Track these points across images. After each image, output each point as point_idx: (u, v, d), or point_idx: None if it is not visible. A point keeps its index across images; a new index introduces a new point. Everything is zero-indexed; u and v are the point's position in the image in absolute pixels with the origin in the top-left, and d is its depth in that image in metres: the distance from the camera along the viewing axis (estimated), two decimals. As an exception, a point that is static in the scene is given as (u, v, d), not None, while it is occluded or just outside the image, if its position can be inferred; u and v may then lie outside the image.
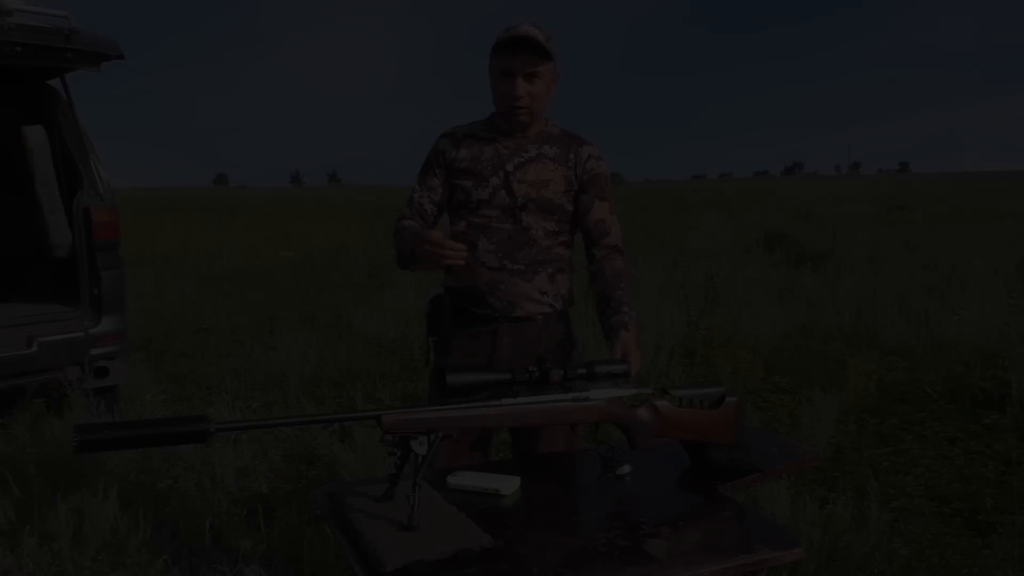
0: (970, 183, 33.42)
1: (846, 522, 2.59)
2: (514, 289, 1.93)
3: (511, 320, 1.94)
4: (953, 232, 12.05)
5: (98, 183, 3.90)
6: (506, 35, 1.85)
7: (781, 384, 4.50)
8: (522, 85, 1.86)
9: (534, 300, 1.95)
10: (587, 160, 1.98)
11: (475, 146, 1.98)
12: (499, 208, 1.94)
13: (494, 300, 1.93)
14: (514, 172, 1.94)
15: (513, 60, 1.85)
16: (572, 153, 1.98)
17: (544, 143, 1.98)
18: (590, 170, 1.98)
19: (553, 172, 1.96)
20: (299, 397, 4.51)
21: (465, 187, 1.95)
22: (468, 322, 1.97)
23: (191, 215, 19.36)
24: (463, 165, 1.97)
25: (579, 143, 2.01)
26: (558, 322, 2.01)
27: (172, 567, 2.57)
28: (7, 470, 3.23)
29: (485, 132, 2.00)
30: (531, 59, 1.85)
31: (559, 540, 1.29)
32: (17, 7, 3.40)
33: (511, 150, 1.96)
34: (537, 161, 1.96)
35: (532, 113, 1.92)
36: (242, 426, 1.33)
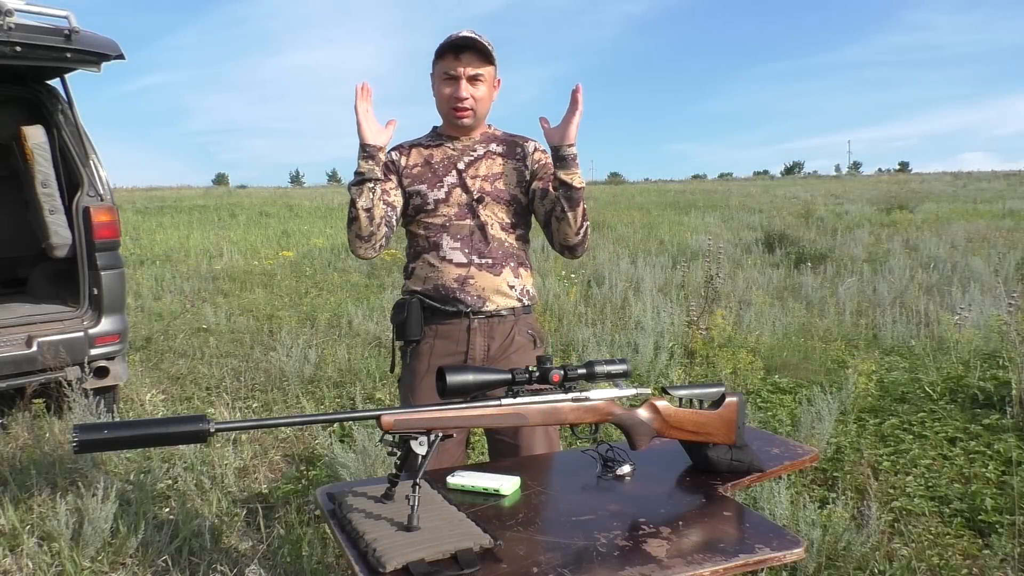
0: (970, 183, 33.41)
1: (846, 522, 2.59)
2: (483, 283, 1.96)
3: (482, 316, 1.97)
4: (953, 232, 12.05)
5: (98, 183, 3.90)
6: (448, 40, 1.92)
7: (781, 384, 4.51)
8: (466, 87, 1.94)
9: (503, 293, 1.99)
10: (534, 152, 2.06)
11: (423, 152, 2.04)
12: (456, 205, 1.98)
13: (464, 295, 1.96)
14: (466, 169, 2.00)
15: (457, 63, 1.93)
16: (519, 148, 2.06)
17: (490, 143, 2.05)
18: (538, 160, 2.05)
19: (503, 166, 2.02)
20: (299, 397, 4.51)
21: (420, 191, 2.00)
22: (439, 321, 1.99)
23: (191, 215, 19.35)
24: (415, 171, 2.02)
25: (523, 140, 2.09)
26: (526, 317, 2.05)
27: (172, 567, 2.57)
28: (7, 470, 3.23)
29: (430, 140, 2.07)
30: (475, 62, 1.93)
31: (559, 540, 1.29)
32: (17, 7, 3.40)
33: (459, 151, 2.03)
34: (486, 157, 2.02)
35: (476, 115, 1.99)
36: (242, 426, 1.34)
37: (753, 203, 21.69)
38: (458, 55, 1.92)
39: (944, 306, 6.28)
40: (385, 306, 6.81)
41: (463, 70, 1.93)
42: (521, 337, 2.01)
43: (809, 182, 46.81)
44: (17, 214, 4.73)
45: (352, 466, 3.09)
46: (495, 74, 2.00)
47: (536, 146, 2.08)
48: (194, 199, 26.77)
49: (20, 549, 2.64)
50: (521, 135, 2.11)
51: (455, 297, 1.96)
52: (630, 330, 5.61)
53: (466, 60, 1.93)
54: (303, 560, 2.58)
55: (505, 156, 2.04)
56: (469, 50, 1.92)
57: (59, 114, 3.97)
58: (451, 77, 1.94)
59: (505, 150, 2.05)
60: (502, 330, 1.99)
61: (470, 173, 2.00)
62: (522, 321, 2.03)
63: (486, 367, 1.71)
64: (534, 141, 2.09)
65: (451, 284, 1.96)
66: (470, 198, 1.98)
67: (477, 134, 2.06)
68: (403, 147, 2.07)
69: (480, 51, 1.92)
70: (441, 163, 2.02)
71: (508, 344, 1.99)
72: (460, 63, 1.93)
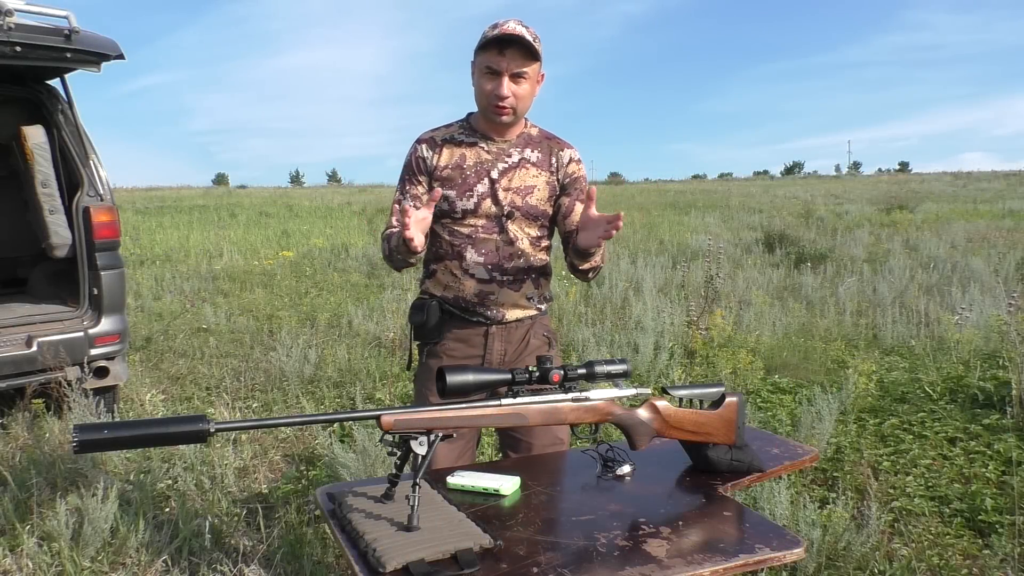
0: (970, 183, 33.41)
1: (846, 522, 2.59)
2: (504, 299, 1.94)
3: (501, 324, 1.96)
4: (953, 232, 12.05)
5: (98, 183, 3.90)
6: (494, 33, 1.81)
7: (781, 384, 4.51)
8: (508, 85, 1.83)
9: (523, 306, 1.97)
10: (568, 163, 1.99)
11: (456, 151, 1.95)
12: (485, 217, 1.92)
13: (484, 310, 1.94)
14: (499, 179, 1.92)
15: (500, 59, 1.82)
16: (554, 157, 1.98)
17: (526, 146, 1.96)
18: (571, 174, 1.99)
19: (536, 178, 1.95)
20: (299, 397, 4.51)
21: (448, 196, 1.92)
22: (458, 326, 1.97)
23: (191, 215, 19.35)
24: (445, 173, 1.93)
25: (560, 146, 2.00)
26: (541, 322, 2.04)
27: (172, 567, 2.57)
28: (7, 470, 3.23)
29: (464, 135, 1.97)
30: (519, 59, 1.82)
31: (559, 540, 1.29)
32: (17, 7, 3.40)
33: (494, 155, 1.94)
34: (521, 167, 1.94)
35: (516, 114, 1.89)
36: (242, 426, 1.33)
37: (753, 203, 21.70)
38: (503, 50, 1.80)
39: (944, 306, 6.28)
40: (385, 306, 6.82)
41: (507, 65, 1.81)
42: (536, 340, 2.01)
43: (809, 182, 46.82)
44: (17, 214, 4.73)
45: (352, 466, 3.09)
46: (539, 69, 1.89)
47: (572, 156, 1.99)
48: (194, 199, 26.78)
49: (20, 549, 2.64)
50: (558, 138, 2.02)
51: (475, 310, 1.94)
52: (630, 330, 5.61)
53: (510, 55, 1.81)
54: (303, 560, 2.58)
55: (539, 166, 1.95)
56: (515, 45, 1.80)
57: (59, 114, 3.97)
58: (493, 72, 1.83)
59: (540, 158, 1.96)
60: (519, 334, 1.98)
61: (503, 184, 1.92)
62: (538, 324, 2.02)
63: (486, 367, 1.72)
64: (571, 149, 2.01)
65: (472, 298, 1.93)
66: (499, 211, 1.92)
67: (514, 134, 1.96)
68: (434, 141, 1.96)
69: (526, 47, 1.80)
70: (473, 168, 1.92)
71: (524, 347, 1.98)
72: (504, 58, 1.81)
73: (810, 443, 3.40)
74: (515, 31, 1.80)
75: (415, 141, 1.99)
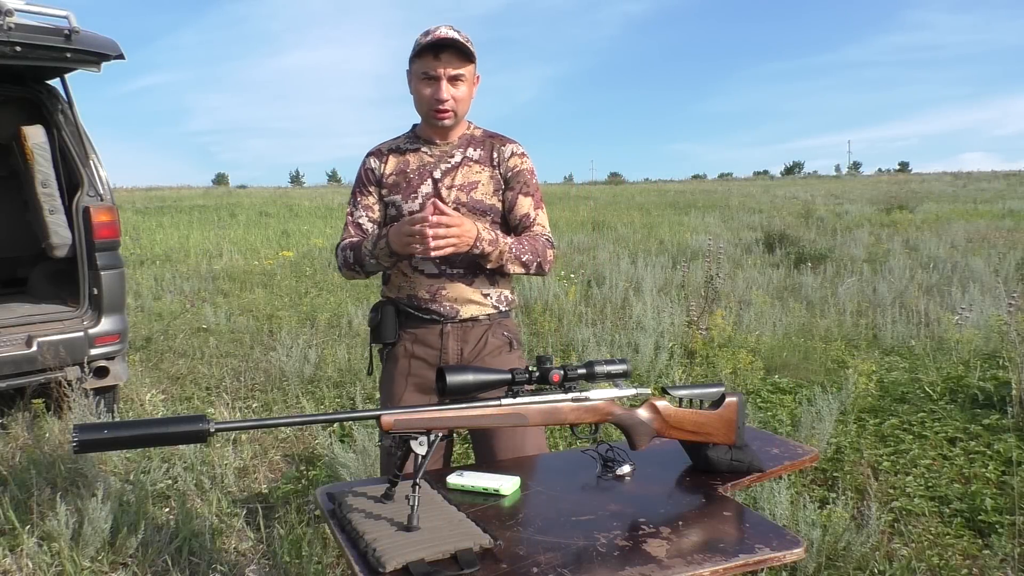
0: (970, 183, 33.41)
1: (846, 522, 2.59)
2: (456, 293, 1.94)
3: (456, 322, 1.96)
4: (953, 232, 12.05)
5: (98, 183, 3.90)
6: (428, 40, 1.83)
7: (781, 384, 4.51)
8: (447, 88, 1.86)
9: (477, 302, 1.96)
10: (509, 158, 1.99)
11: (400, 159, 1.99)
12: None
13: (437, 306, 1.94)
14: (442, 179, 1.95)
15: (436, 63, 1.84)
16: (495, 152, 2.00)
17: (468, 146, 1.99)
18: (512, 167, 1.99)
19: (480, 174, 1.97)
20: (299, 397, 4.51)
21: (395, 201, 1.96)
22: (414, 324, 1.98)
23: (191, 215, 19.36)
24: (391, 180, 1.98)
25: (502, 142, 2.02)
26: (502, 323, 2.02)
27: (172, 567, 2.57)
28: (7, 470, 3.23)
29: (408, 143, 2.02)
30: (455, 61, 1.85)
31: (559, 540, 1.29)
32: (17, 7, 3.40)
33: (436, 157, 1.98)
34: (464, 165, 1.97)
35: (456, 116, 1.92)
36: (242, 426, 1.34)
37: (753, 203, 21.70)
38: (438, 55, 1.84)
39: (944, 306, 6.28)
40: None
41: (443, 70, 1.85)
42: (495, 339, 1.99)
43: (809, 182, 46.82)
44: (17, 214, 4.73)
45: (352, 466, 3.10)
46: (475, 71, 1.93)
47: (514, 150, 2.01)
48: (194, 199, 26.78)
49: (20, 549, 2.64)
50: (501, 135, 2.05)
51: (428, 308, 1.95)
52: (630, 330, 5.61)
53: (446, 59, 1.84)
54: (303, 560, 2.58)
55: (482, 163, 1.98)
56: (449, 49, 1.84)
57: (59, 114, 3.97)
58: (431, 78, 1.87)
59: (482, 155, 1.99)
60: (475, 334, 1.98)
61: (445, 183, 1.95)
62: (497, 324, 2.01)
63: (486, 367, 1.71)
64: (513, 144, 2.02)
65: (423, 295, 1.94)
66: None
67: (456, 136, 1.99)
68: (381, 152, 2.02)
69: (460, 50, 1.84)
70: (416, 171, 1.97)
71: (482, 347, 1.98)
72: (440, 63, 1.85)
73: (810, 443, 3.40)
74: (448, 35, 1.83)
75: (365, 155, 2.04)
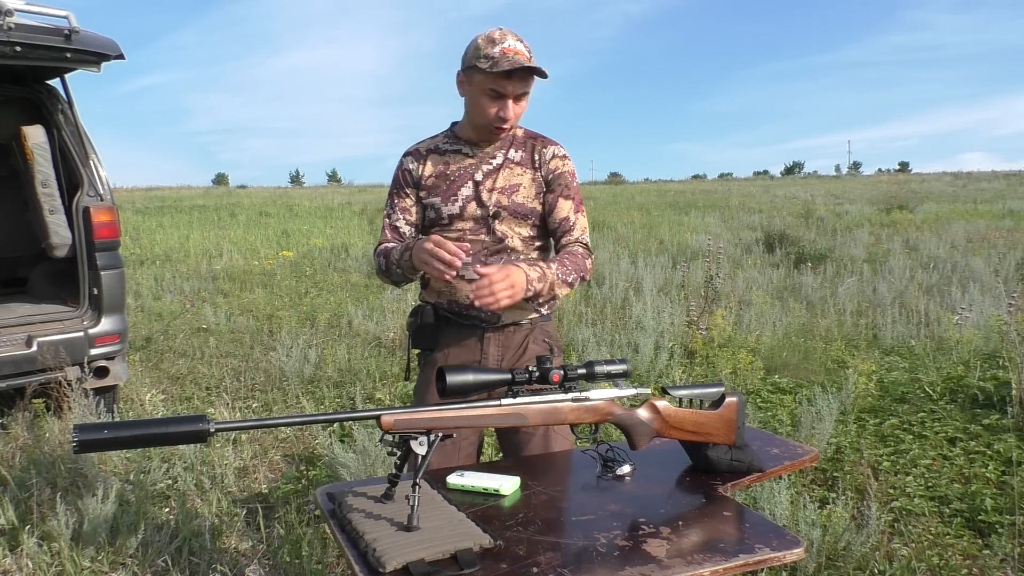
0: (970, 183, 33.41)
1: (846, 522, 2.59)
2: None
3: (497, 328, 1.94)
4: (953, 232, 12.05)
5: (98, 183, 3.90)
6: (500, 59, 1.77)
7: (781, 384, 4.51)
8: (513, 107, 1.84)
9: (519, 307, 1.91)
10: (551, 160, 1.96)
11: (440, 160, 1.96)
12: (471, 219, 1.91)
13: (479, 312, 1.90)
14: (483, 181, 1.92)
15: (507, 83, 1.80)
16: (536, 154, 1.96)
17: (509, 147, 1.96)
18: (554, 169, 1.95)
19: (521, 176, 1.94)
20: (299, 397, 4.51)
21: (434, 204, 1.93)
22: (453, 331, 1.95)
23: (191, 215, 19.36)
24: (430, 182, 1.95)
25: (543, 144, 1.97)
26: (543, 328, 2.00)
27: (172, 567, 2.57)
28: (7, 470, 3.23)
29: (448, 144, 1.97)
30: (524, 81, 1.82)
31: (559, 540, 1.29)
32: (17, 7, 3.40)
33: (477, 159, 1.94)
34: (505, 167, 1.93)
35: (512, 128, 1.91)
36: (242, 426, 1.33)
37: (753, 203, 21.70)
38: (510, 74, 1.79)
39: (944, 306, 6.28)
40: (385, 306, 6.82)
41: (513, 89, 1.81)
42: (536, 346, 1.97)
43: (809, 182, 46.81)
44: (17, 214, 4.73)
45: (352, 466, 3.09)
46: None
47: (555, 152, 1.96)
48: (194, 199, 26.78)
49: (20, 549, 2.64)
50: (542, 136, 2.00)
51: (468, 313, 1.92)
52: (630, 330, 5.61)
53: (517, 78, 1.80)
54: (303, 560, 2.58)
55: (523, 164, 1.94)
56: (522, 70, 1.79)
57: (59, 114, 3.97)
58: (499, 96, 1.81)
59: (524, 157, 1.95)
60: (516, 340, 1.95)
61: (487, 186, 1.91)
62: (539, 329, 1.98)
63: (486, 367, 1.72)
64: (555, 146, 1.98)
65: (464, 300, 1.90)
66: (485, 212, 1.90)
67: (498, 138, 1.94)
68: (419, 153, 1.98)
69: (533, 71, 1.80)
70: (457, 174, 1.92)
71: (521, 354, 1.96)
72: (511, 83, 1.80)
73: (810, 443, 3.40)
74: (519, 53, 1.78)
75: (402, 155, 2.01)
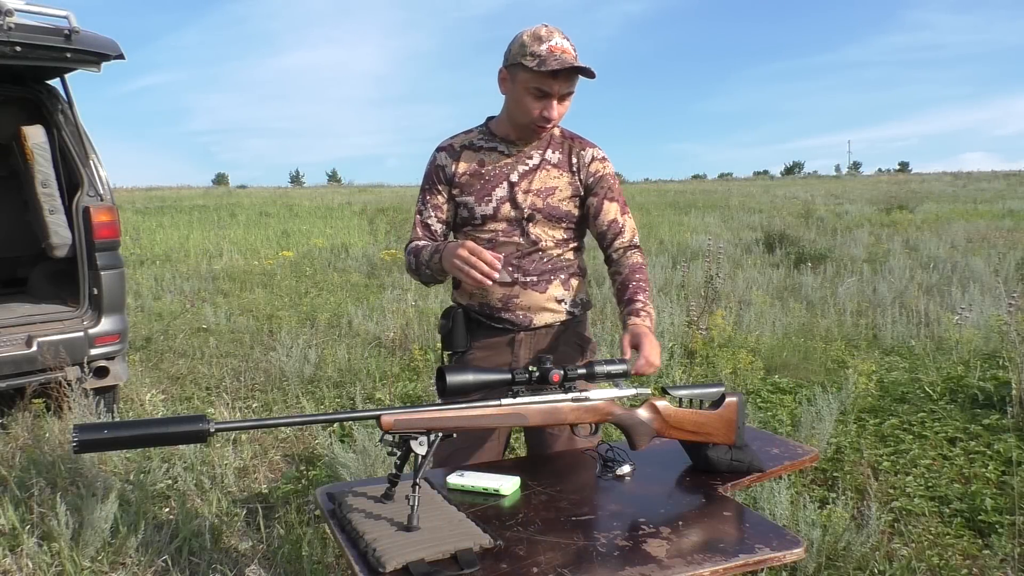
0: (970, 183, 33.42)
1: (846, 522, 2.59)
2: (529, 301, 1.88)
3: (529, 330, 1.91)
4: (953, 232, 12.05)
5: (98, 183, 3.90)
6: (549, 56, 1.72)
7: (781, 384, 4.50)
8: (557, 107, 1.80)
9: (551, 310, 1.91)
10: (590, 163, 1.91)
11: (474, 157, 1.91)
12: (505, 221, 1.87)
13: (510, 315, 1.89)
14: (519, 182, 1.88)
15: (553, 83, 1.76)
16: (575, 156, 1.91)
17: (547, 148, 1.91)
18: (594, 172, 1.91)
19: (558, 179, 1.89)
20: (299, 397, 4.51)
21: (467, 203, 1.89)
22: (485, 334, 1.93)
23: (191, 215, 19.35)
24: (463, 179, 1.90)
25: (581, 146, 1.93)
26: (575, 327, 1.97)
27: (172, 567, 2.57)
28: (7, 470, 3.23)
29: (483, 141, 1.93)
30: (570, 80, 1.78)
31: (559, 540, 1.29)
32: (17, 7, 3.40)
33: (514, 159, 1.90)
34: (542, 168, 1.89)
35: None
36: (242, 426, 1.34)
37: (753, 203, 21.70)
38: (556, 74, 1.75)
39: (944, 306, 6.28)
40: (385, 306, 6.82)
41: (558, 89, 1.77)
42: (566, 347, 1.94)
43: (809, 182, 46.79)
44: (17, 214, 4.73)
45: (352, 466, 3.09)
46: None
47: (595, 155, 1.92)
48: (194, 199, 26.77)
49: (20, 549, 2.64)
50: (580, 137, 1.96)
51: (500, 316, 1.90)
52: (630, 330, 5.60)
53: (563, 78, 1.76)
54: (303, 560, 2.58)
55: (561, 167, 1.90)
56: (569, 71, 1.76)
57: (59, 114, 3.97)
58: (544, 95, 1.78)
59: (561, 158, 1.90)
60: (548, 342, 1.93)
61: (522, 187, 1.87)
62: (571, 331, 1.96)
63: (485, 367, 1.71)
64: (593, 148, 1.93)
65: (496, 304, 1.89)
66: (520, 215, 1.86)
67: (535, 137, 1.90)
68: (453, 149, 1.93)
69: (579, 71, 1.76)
70: (492, 173, 1.88)
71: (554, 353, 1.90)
72: (557, 83, 1.76)
73: (810, 443, 3.40)
74: (565, 52, 1.74)
75: (435, 150, 1.96)
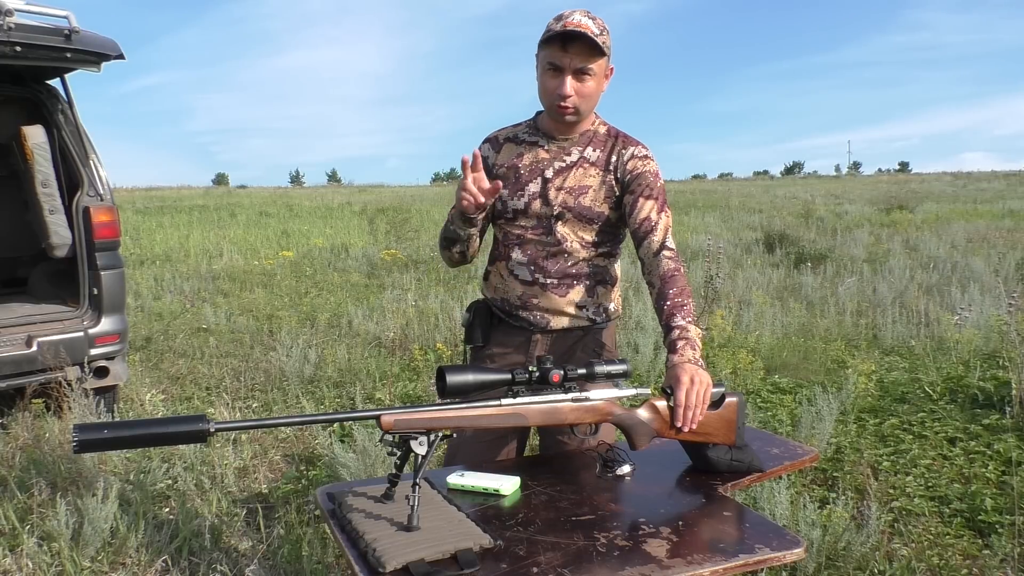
0: (970, 183, 33.41)
1: (846, 522, 2.59)
2: (548, 303, 1.85)
3: (546, 332, 1.89)
4: (953, 232, 12.06)
5: (98, 183, 3.90)
6: (557, 28, 1.69)
7: (781, 384, 4.50)
8: (571, 83, 1.73)
9: (570, 314, 1.87)
10: (629, 160, 1.84)
11: (514, 150, 1.90)
12: (534, 217, 1.84)
13: (528, 314, 1.87)
14: (552, 179, 1.84)
15: (563, 55, 1.70)
16: (615, 155, 1.85)
17: (588, 144, 1.86)
18: (632, 169, 1.83)
19: (594, 178, 1.84)
20: (299, 397, 4.51)
21: (502, 195, 1.86)
22: (504, 332, 1.92)
23: (191, 215, 19.35)
24: (501, 171, 1.88)
25: (624, 144, 1.87)
26: (596, 334, 1.93)
27: (172, 567, 2.57)
28: (7, 470, 3.23)
29: (527, 135, 1.91)
30: (583, 55, 1.71)
31: (559, 540, 1.29)
32: (17, 7, 3.40)
33: (552, 154, 1.86)
34: (578, 166, 1.85)
35: (579, 112, 1.78)
36: (242, 426, 1.34)
37: (753, 203, 21.71)
38: (566, 46, 1.69)
39: (944, 306, 6.28)
40: (385, 306, 6.82)
41: (570, 62, 1.70)
42: (584, 354, 1.90)
43: (809, 182, 46.81)
44: (17, 214, 4.73)
45: (352, 466, 3.09)
46: (607, 64, 1.77)
47: (635, 152, 1.85)
48: (194, 199, 26.77)
49: (20, 549, 2.64)
50: (626, 135, 1.89)
51: (518, 315, 1.88)
52: (630, 330, 5.61)
53: (574, 52, 1.69)
54: (303, 560, 2.58)
55: (598, 165, 1.84)
56: (579, 41, 1.69)
57: (59, 114, 3.97)
58: (556, 69, 1.72)
59: (600, 157, 1.85)
60: (565, 345, 1.90)
61: (555, 183, 1.83)
62: (590, 338, 1.91)
63: (486, 367, 1.71)
64: (635, 146, 1.86)
65: (515, 301, 1.87)
66: (549, 212, 1.82)
67: (578, 132, 1.86)
68: (496, 141, 1.93)
69: (591, 43, 1.69)
70: (528, 168, 1.85)
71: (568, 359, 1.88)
72: (567, 55, 1.69)
73: (810, 443, 3.40)
74: (579, 25, 1.68)
75: (483, 140, 1.95)
